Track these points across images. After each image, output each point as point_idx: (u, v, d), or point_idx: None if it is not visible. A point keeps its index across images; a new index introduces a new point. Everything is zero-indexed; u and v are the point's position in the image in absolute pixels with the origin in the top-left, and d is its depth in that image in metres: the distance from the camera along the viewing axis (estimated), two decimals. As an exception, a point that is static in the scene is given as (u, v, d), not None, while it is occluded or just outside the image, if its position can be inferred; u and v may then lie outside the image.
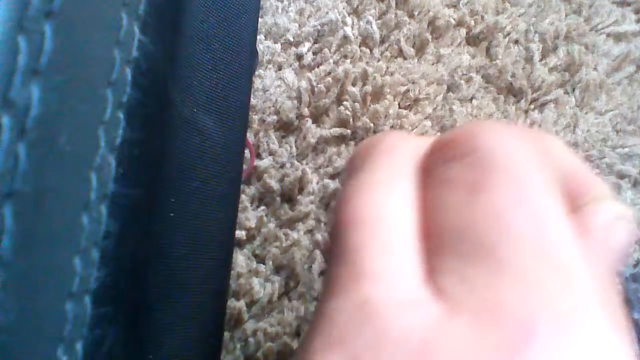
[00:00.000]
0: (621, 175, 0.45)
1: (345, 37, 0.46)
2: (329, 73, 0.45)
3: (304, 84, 0.45)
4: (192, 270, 0.22)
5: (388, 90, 0.45)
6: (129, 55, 0.16)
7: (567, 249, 0.11)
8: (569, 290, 0.10)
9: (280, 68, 0.45)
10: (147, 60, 0.16)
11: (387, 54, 0.47)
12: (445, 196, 0.14)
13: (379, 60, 0.47)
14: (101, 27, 0.15)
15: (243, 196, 0.42)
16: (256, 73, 0.44)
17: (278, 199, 0.42)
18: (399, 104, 0.45)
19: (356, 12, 0.47)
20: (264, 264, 0.41)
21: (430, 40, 0.47)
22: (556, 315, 0.10)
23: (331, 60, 0.46)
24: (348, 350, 0.11)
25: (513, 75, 0.47)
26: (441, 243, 0.13)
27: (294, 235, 0.41)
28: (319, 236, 0.41)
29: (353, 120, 0.44)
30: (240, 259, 0.41)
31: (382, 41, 0.47)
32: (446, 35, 0.48)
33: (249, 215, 0.41)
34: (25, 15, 0.13)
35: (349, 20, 0.47)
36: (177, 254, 0.20)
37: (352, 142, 0.44)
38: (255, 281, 0.40)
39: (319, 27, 0.46)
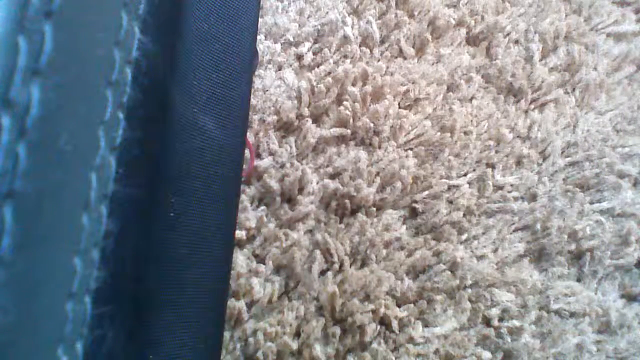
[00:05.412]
0: (621, 175, 0.45)
1: (345, 37, 0.46)
2: (329, 73, 0.45)
3: (304, 84, 0.44)
4: (192, 270, 0.22)
5: (388, 90, 0.45)
6: (129, 55, 0.16)
7: None
8: None
9: (280, 68, 0.45)
10: (147, 60, 0.16)
11: (387, 54, 0.47)
12: None
13: (379, 60, 0.47)
14: (101, 27, 0.15)
15: (243, 196, 0.42)
16: (256, 73, 0.44)
17: (278, 199, 0.42)
18: (399, 104, 0.45)
19: (356, 12, 0.47)
20: (264, 264, 0.41)
21: (430, 40, 0.47)
22: None
23: (331, 60, 0.46)
24: None
25: (513, 75, 0.47)
26: None
27: (294, 235, 0.41)
28: (318, 236, 0.41)
29: (353, 120, 0.44)
30: (240, 259, 0.41)
31: (382, 41, 0.47)
32: (446, 35, 0.48)
33: (249, 215, 0.41)
34: (25, 15, 0.13)
35: (349, 20, 0.47)
36: (177, 254, 0.20)
37: (352, 142, 0.44)
38: (255, 281, 0.40)
39: (319, 27, 0.46)
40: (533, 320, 0.41)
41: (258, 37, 0.45)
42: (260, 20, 0.46)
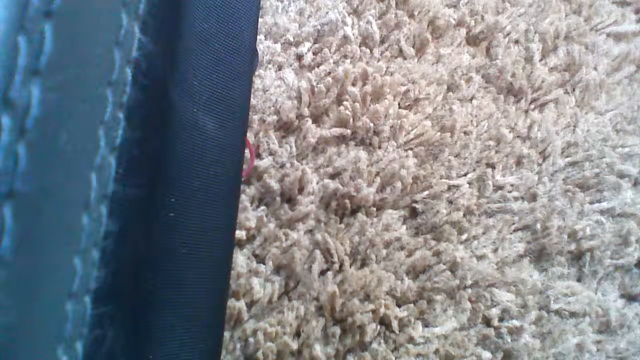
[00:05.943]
0: (621, 175, 0.45)
1: (345, 37, 0.46)
2: (329, 73, 0.45)
3: (304, 84, 0.44)
4: (192, 270, 0.22)
5: (388, 90, 0.45)
6: (129, 55, 0.16)
7: None
8: None
9: (280, 68, 0.45)
10: (147, 60, 0.16)
11: (387, 54, 0.47)
12: None
13: (379, 60, 0.47)
14: (101, 27, 0.15)
15: (243, 196, 0.42)
16: (256, 73, 0.44)
17: (278, 199, 0.42)
18: (399, 104, 0.45)
19: (356, 12, 0.47)
20: (264, 264, 0.41)
21: (430, 40, 0.47)
22: None
23: (331, 60, 0.46)
24: None
25: (513, 75, 0.47)
26: None
27: (294, 235, 0.41)
28: (318, 236, 0.41)
29: (353, 120, 0.44)
30: (240, 259, 0.41)
31: (382, 41, 0.47)
32: (446, 35, 0.48)
33: (249, 215, 0.41)
34: (25, 15, 0.13)
35: (349, 20, 0.47)
36: (177, 254, 0.20)
37: (352, 142, 0.44)
38: (255, 281, 0.40)
39: (319, 27, 0.46)
40: (533, 320, 0.41)
41: (258, 37, 0.45)
42: (260, 20, 0.46)
